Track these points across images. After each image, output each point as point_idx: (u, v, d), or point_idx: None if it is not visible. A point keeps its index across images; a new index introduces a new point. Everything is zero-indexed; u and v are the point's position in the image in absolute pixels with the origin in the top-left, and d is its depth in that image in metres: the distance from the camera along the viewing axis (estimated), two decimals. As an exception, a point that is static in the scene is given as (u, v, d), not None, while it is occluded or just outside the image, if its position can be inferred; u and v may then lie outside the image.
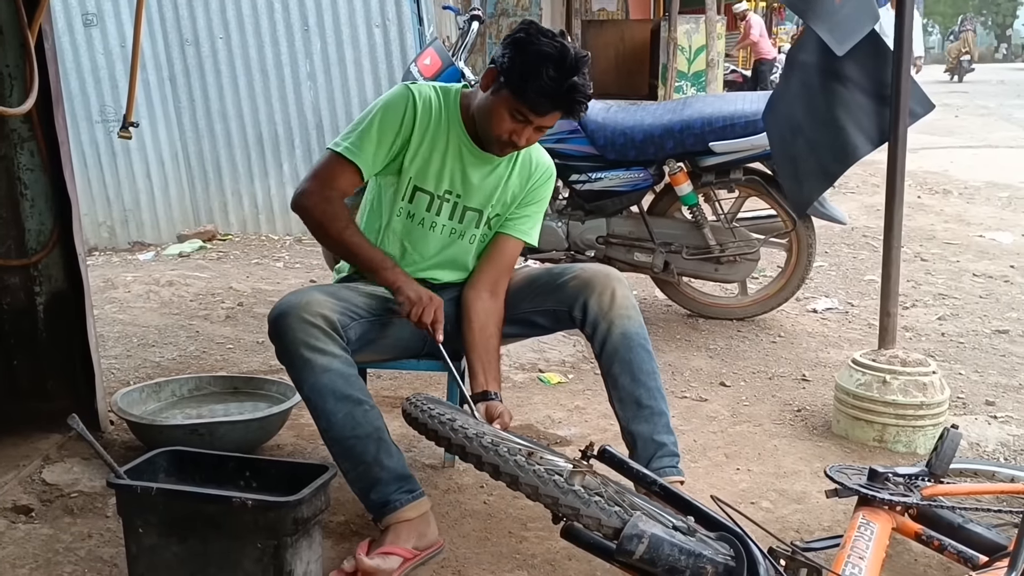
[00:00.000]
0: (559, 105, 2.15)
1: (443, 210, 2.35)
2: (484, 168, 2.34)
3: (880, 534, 1.84)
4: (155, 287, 4.82)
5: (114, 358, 3.73)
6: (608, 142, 3.94)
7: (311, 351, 2.08)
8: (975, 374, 3.54)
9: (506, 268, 2.42)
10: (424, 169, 2.31)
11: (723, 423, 3.07)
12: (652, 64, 11.38)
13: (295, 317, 2.09)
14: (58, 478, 2.55)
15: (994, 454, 2.81)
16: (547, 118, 2.17)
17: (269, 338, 2.16)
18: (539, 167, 2.43)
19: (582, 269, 2.37)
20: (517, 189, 2.40)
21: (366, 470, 2.10)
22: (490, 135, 2.23)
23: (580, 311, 2.30)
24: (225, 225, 6.35)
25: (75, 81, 5.90)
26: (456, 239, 2.39)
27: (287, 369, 2.16)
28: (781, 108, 3.17)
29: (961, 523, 1.97)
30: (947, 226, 6.52)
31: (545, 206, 2.49)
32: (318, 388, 2.10)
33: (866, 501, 1.95)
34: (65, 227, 2.77)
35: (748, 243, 4.01)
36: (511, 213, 2.41)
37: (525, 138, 2.20)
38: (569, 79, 2.10)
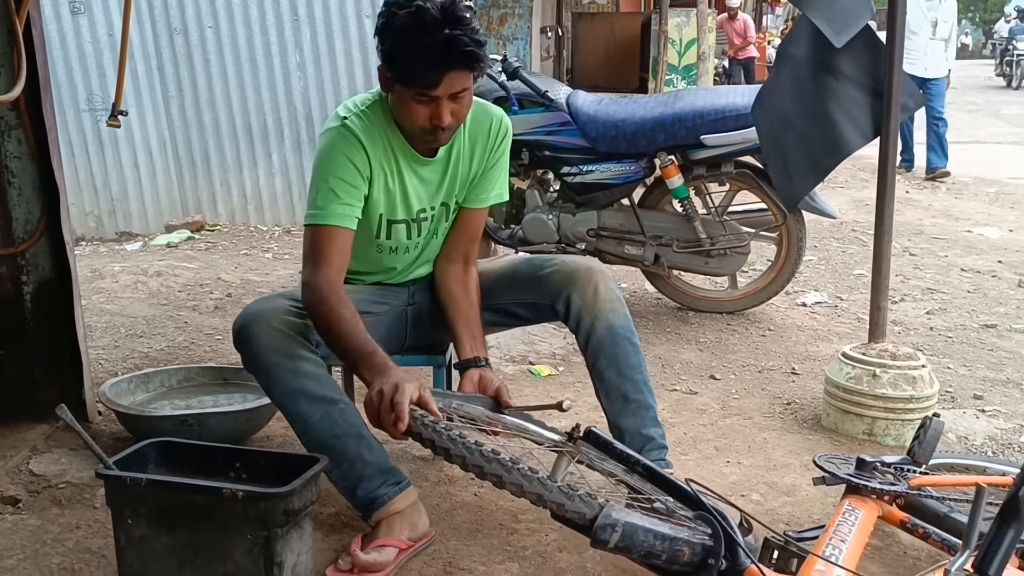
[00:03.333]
0: (447, 66, 1.94)
1: (423, 229, 2.27)
2: (437, 165, 2.22)
3: (864, 521, 1.85)
4: (143, 277, 4.79)
5: (102, 348, 3.71)
6: (599, 135, 3.93)
7: (279, 356, 2.03)
8: (963, 368, 3.56)
9: (475, 236, 2.35)
10: (391, 201, 2.19)
11: (713, 416, 3.08)
12: (642, 57, 11.37)
13: (260, 324, 2.04)
14: (46, 469, 2.53)
15: (982, 448, 2.82)
16: (448, 84, 1.97)
17: (235, 347, 2.11)
18: (491, 127, 2.25)
19: (563, 262, 2.32)
20: (477, 160, 2.26)
21: (349, 468, 2.07)
22: (417, 132, 2.08)
23: (563, 305, 2.26)
24: (213, 215, 6.32)
25: (62, 70, 5.86)
26: (432, 238, 2.33)
27: (256, 377, 2.10)
28: (771, 101, 3.16)
29: (947, 513, 1.98)
30: (935, 221, 6.55)
31: (507, 160, 2.32)
32: (289, 392, 2.05)
33: (853, 489, 1.96)
34: (53, 216, 2.75)
35: (738, 236, 4.02)
36: (475, 187, 2.29)
37: (446, 115, 2.01)
38: (441, 35, 1.91)
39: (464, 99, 2.04)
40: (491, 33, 9.76)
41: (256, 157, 6.18)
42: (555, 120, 3.98)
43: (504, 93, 3.95)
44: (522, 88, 3.96)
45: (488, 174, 2.29)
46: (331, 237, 2.08)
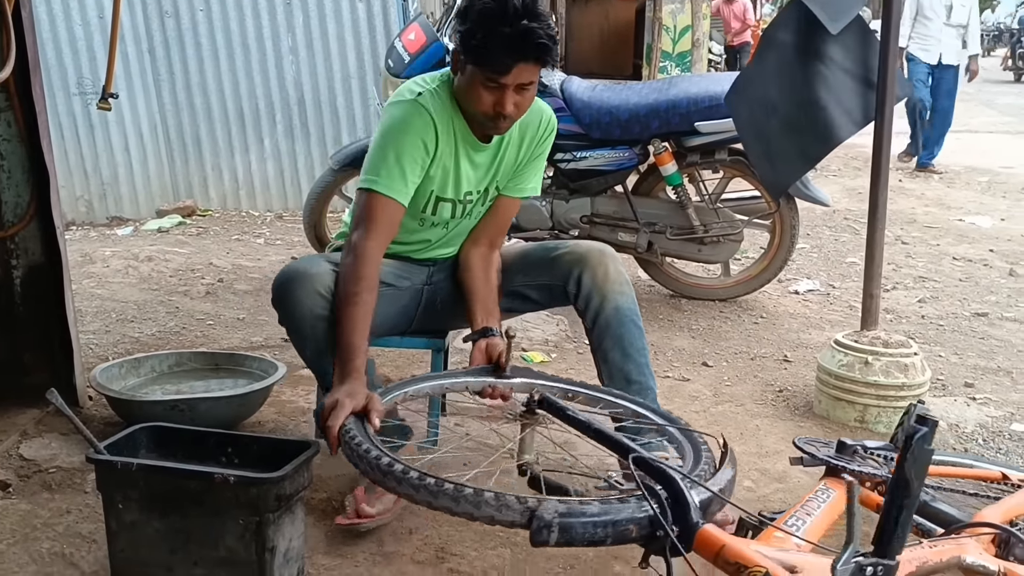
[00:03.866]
0: (521, 55, 2.01)
1: (467, 210, 2.32)
2: (488, 152, 2.27)
3: (837, 501, 1.83)
4: (134, 262, 4.76)
5: (92, 333, 3.69)
6: (593, 121, 3.91)
7: (319, 320, 2.09)
8: (954, 356, 3.57)
9: (505, 224, 2.41)
10: (444, 179, 2.24)
11: (705, 403, 3.08)
12: (636, 44, 11.34)
13: (305, 289, 2.09)
14: (36, 453, 2.52)
15: (973, 435, 2.83)
16: (517, 74, 2.03)
17: (273, 303, 2.16)
18: (541, 123, 2.31)
19: (576, 244, 2.36)
20: (520, 151, 2.31)
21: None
22: (479, 116, 2.13)
23: (575, 285, 2.30)
24: (205, 200, 6.28)
25: (52, 52, 5.80)
26: (464, 219, 2.36)
27: (291, 334, 2.17)
28: (753, 88, 3.13)
29: (928, 500, 1.96)
30: (928, 210, 6.57)
31: (546, 157, 2.39)
32: (321, 350, 2.11)
33: (832, 471, 1.96)
34: (42, 200, 2.72)
35: (732, 224, 4.01)
36: (514, 174, 2.34)
37: (510, 104, 2.07)
38: (519, 25, 1.98)
39: (529, 91, 2.10)
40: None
41: (248, 142, 6.14)
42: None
43: (498, 78, 3.92)
44: (516, 74, 3.93)
45: (529, 165, 2.34)
46: (385, 208, 2.12)
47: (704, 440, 1.82)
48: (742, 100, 3.17)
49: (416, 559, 2.07)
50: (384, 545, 2.12)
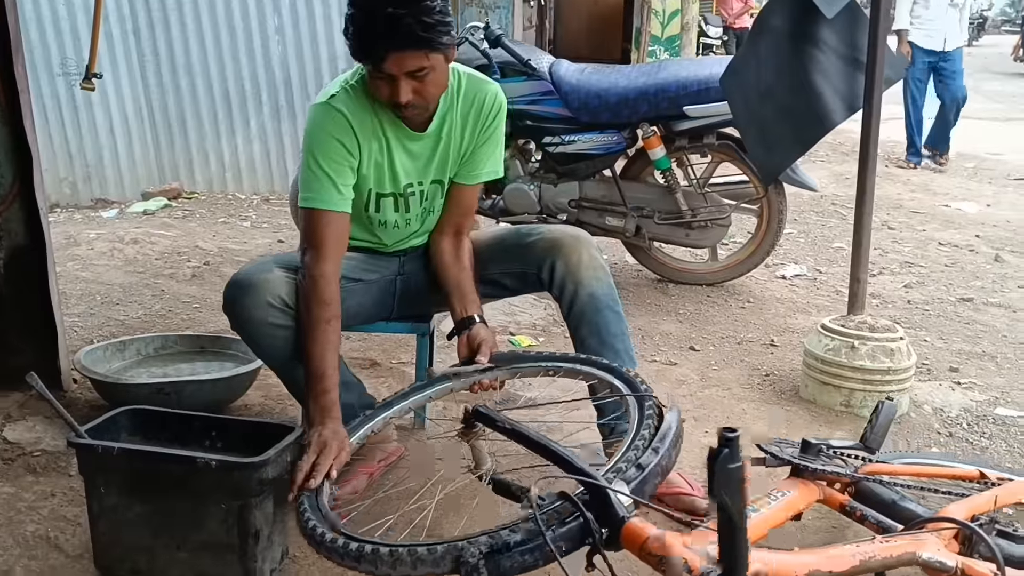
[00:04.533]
0: (389, 44, 1.92)
1: (411, 203, 2.26)
2: (427, 140, 2.20)
3: (793, 500, 1.81)
4: (119, 245, 4.73)
5: (77, 316, 3.67)
6: (582, 104, 3.90)
7: (272, 328, 2.07)
8: (940, 341, 3.59)
9: (467, 210, 2.34)
10: (380, 175, 2.19)
11: (692, 387, 3.08)
12: (625, 28, 11.31)
13: (253, 299, 2.05)
14: (20, 436, 2.51)
15: (957, 419, 2.85)
16: (399, 62, 1.94)
17: (225, 313, 2.12)
18: (484, 103, 2.21)
19: (549, 230, 2.32)
20: (469, 135, 2.23)
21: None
22: (388, 109, 2.08)
23: (548, 272, 2.26)
24: (191, 183, 6.24)
25: (35, 32, 5.74)
26: (430, 216, 2.33)
27: (245, 342, 2.17)
28: (746, 73, 3.12)
29: (895, 500, 1.92)
30: (914, 195, 6.58)
31: (502, 135, 2.29)
32: (277, 356, 2.13)
33: (797, 471, 1.92)
34: (25, 181, 2.70)
35: (719, 208, 4.01)
36: (467, 162, 2.26)
37: (405, 93, 1.98)
38: (385, 12, 1.89)
39: (428, 77, 2.00)
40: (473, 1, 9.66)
41: (234, 124, 6.10)
42: (537, 89, 3.94)
43: (486, 61, 3.90)
44: (504, 56, 3.91)
45: (481, 150, 2.26)
46: (327, 222, 2.08)
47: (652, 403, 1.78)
48: (736, 84, 3.16)
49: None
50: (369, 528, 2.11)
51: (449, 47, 2.01)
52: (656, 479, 1.55)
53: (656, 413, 1.74)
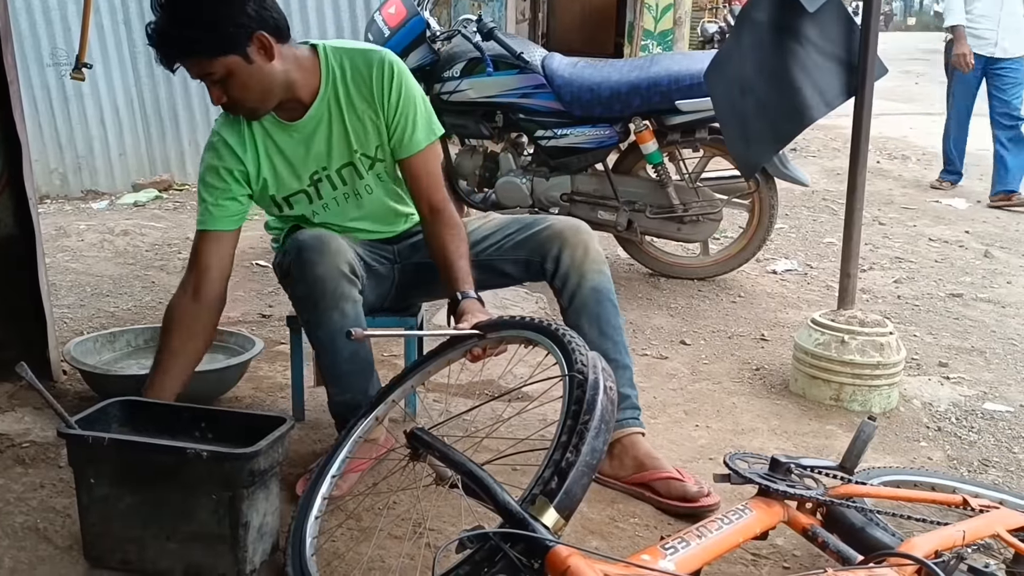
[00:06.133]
0: (167, 55, 2.06)
1: (323, 192, 2.28)
2: (311, 131, 2.21)
3: (750, 522, 1.74)
4: (109, 236, 4.72)
5: (67, 307, 3.66)
6: (574, 98, 3.90)
7: (340, 300, 2.11)
8: (929, 336, 3.60)
9: (429, 182, 2.27)
10: (276, 179, 2.25)
11: (683, 380, 3.09)
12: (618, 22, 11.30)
13: (328, 266, 2.09)
14: (9, 427, 2.50)
15: (946, 414, 2.86)
16: (190, 68, 2.07)
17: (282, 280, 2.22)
18: (369, 75, 2.19)
19: (555, 220, 2.34)
20: (372, 113, 2.21)
21: (351, 398, 2.23)
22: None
23: (553, 264, 2.28)
24: (181, 175, 6.22)
25: (25, 22, 5.71)
26: (354, 199, 2.32)
27: (301, 312, 2.20)
28: (729, 67, 3.12)
29: (862, 525, 1.84)
30: (905, 191, 6.60)
31: (416, 99, 2.23)
32: (332, 331, 2.14)
33: (763, 491, 1.83)
34: (14, 171, 2.68)
35: (711, 203, 4.02)
36: (393, 137, 2.24)
37: (214, 96, 2.10)
38: (152, 27, 2.04)
39: (229, 81, 2.06)
40: (466, -6, 9.64)
41: (226, 116, 6.07)
42: (530, 83, 3.94)
43: (479, 54, 3.90)
44: (497, 49, 3.91)
45: (398, 118, 2.22)
46: (206, 241, 2.22)
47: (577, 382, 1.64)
48: (718, 78, 3.15)
49: (393, 534, 2.07)
50: (362, 520, 2.11)
51: (235, 51, 2.02)
52: (584, 479, 1.50)
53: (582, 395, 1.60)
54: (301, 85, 2.17)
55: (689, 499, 2.18)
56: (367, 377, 2.26)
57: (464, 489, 1.66)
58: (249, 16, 2.02)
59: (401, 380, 2.17)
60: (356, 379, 2.25)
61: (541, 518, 1.45)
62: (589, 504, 2.19)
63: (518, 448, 1.88)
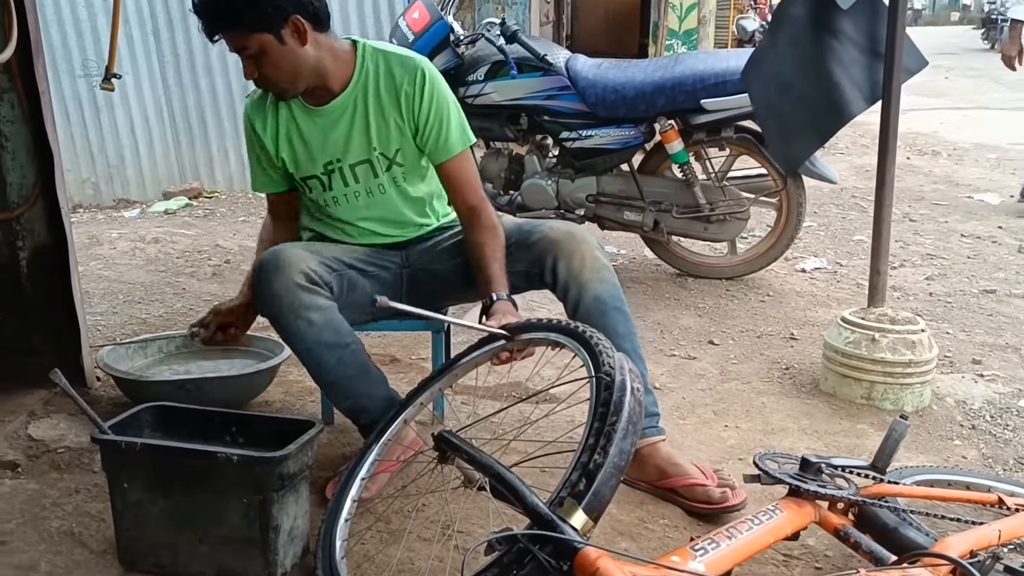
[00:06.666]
0: (208, 27, 2.13)
1: (335, 183, 2.31)
2: (334, 120, 2.26)
3: (781, 523, 1.72)
4: (141, 244, 4.78)
5: (100, 315, 3.71)
6: (599, 99, 3.89)
7: (298, 309, 2.10)
8: (962, 333, 3.56)
9: (464, 186, 2.31)
10: (294, 158, 2.32)
11: (712, 381, 3.08)
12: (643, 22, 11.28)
13: (281, 281, 2.09)
14: (44, 433, 2.53)
15: (980, 412, 2.82)
16: (230, 42, 2.13)
17: (257, 302, 2.21)
18: (405, 81, 2.23)
19: (550, 228, 2.26)
20: (397, 115, 2.25)
21: (355, 402, 2.25)
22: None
23: (551, 275, 2.22)
24: (211, 182, 6.29)
25: (56, 34, 5.80)
26: (366, 196, 2.33)
27: (275, 330, 2.20)
28: (767, 65, 3.10)
29: (895, 526, 1.83)
30: (936, 187, 6.52)
31: (450, 106, 2.28)
32: (307, 342, 2.15)
33: (794, 491, 1.82)
34: (48, 181, 2.73)
35: (738, 202, 3.99)
36: (427, 142, 2.27)
37: (248, 71, 2.16)
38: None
39: (262, 58, 2.13)
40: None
41: (253, 123, 6.13)
42: (554, 84, 3.93)
43: (503, 57, 3.91)
44: (521, 52, 3.91)
45: (429, 123, 2.25)
46: (270, 200, 2.48)
47: (605, 384, 1.62)
48: (756, 76, 3.14)
49: (423, 536, 2.08)
50: (391, 523, 2.13)
51: (270, 30, 2.09)
52: (612, 480, 1.49)
53: (608, 396, 1.60)
54: (333, 74, 2.22)
55: (713, 502, 2.17)
56: (364, 378, 2.23)
57: (492, 491, 1.67)
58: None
59: (429, 383, 2.18)
60: (351, 383, 2.22)
61: (569, 520, 1.45)
62: (618, 505, 2.19)
63: (546, 450, 1.88)
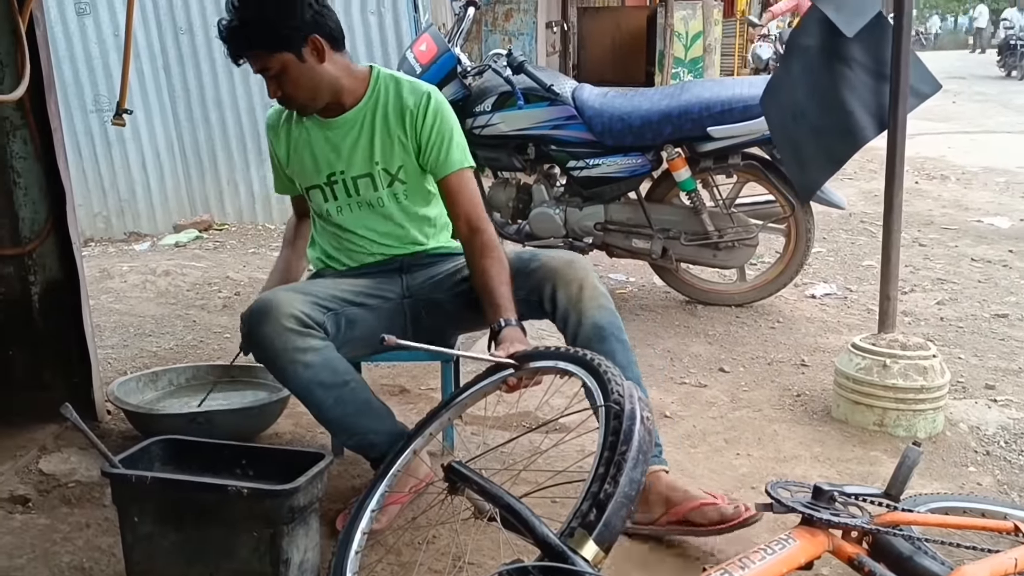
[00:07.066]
0: (232, 48, 2.22)
1: (338, 193, 2.39)
2: (342, 133, 2.35)
3: (794, 552, 1.71)
4: (151, 277, 4.80)
5: (111, 348, 3.72)
6: (605, 128, 3.91)
7: (292, 353, 2.10)
8: (974, 358, 3.53)
9: (467, 200, 2.33)
10: (301, 168, 2.41)
11: (723, 408, 3.06)
12: (648, 51, 11.35)
13: (270, 326, 2.10)
14: (55, 468, 2.54)
15: (994, 438, 2.80)
16: (253, 62, 2.22)
17: (245, 344, 2.23)
18: (411, 103, 2.32)
19: (549, 257, 2.27)
20: (402, 134, 2.32)
21: (361, 439, 2.26)
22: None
23: (550, 304, 2.21)
24: (221, 215, 6.32)
25: (68, 70, 5.87)
26: (367, 208, 2.38)
27: (271, 372, 2.21)
28: (782, 93, 3.13)
29: (910, 554, 1.80)
30: (945, 211, 6.51)
31: (452, 129, 2.35)
32: (303, 384, 2.16)
33: (807, 520, 1.80)
34: (59, 216, 2.75)
35: (746, 228, 4.00)
36: (428, 160, 2.34)
37: (271, 89, 2.25)
38: (224, 21, 2.21)
39: (284, 77, 2.22)
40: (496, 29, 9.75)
41: (263, 155, 6.16)
42: (561, 114, 3.96)
43: (509, 88, 3.93)
44: (527, 82, 3.94)
45: (433, 144, 2.33)
46: (292, 198, 2.63)
47: (614, 412, 1.62)
48: (773, 104, 3.16)
49: (433, 568, 2.07)
50: (401, 555, 2.12)
51: (291, 49, 2.19)
52: (623, 510, 1.49)
53: (618, 425, 1.59)
54: (347, 91, 2.33)
55: (728, 519, 2.13)
56: (367, 414, 2.23)
57: (503, 522, 1.66)
58: (306, 20, 2.19)
59: (437, 413, 2.18)
60: (354, 421, 2.22)
61: (580, 551, 1.44)
62: (629, 535, 2.17)
63: (556, 480, 1.88)
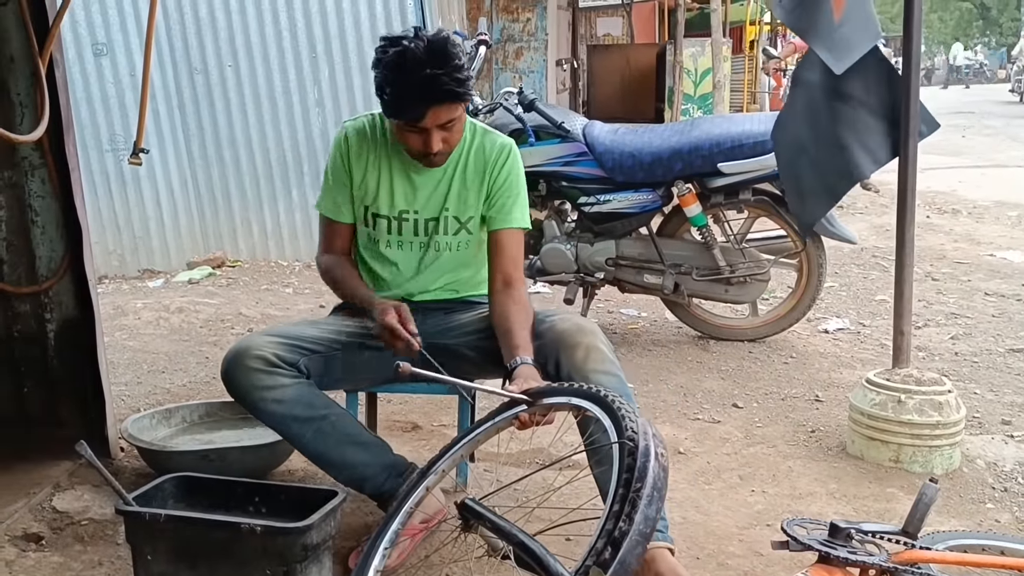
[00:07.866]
0: (428, 102, 2.12)
1: (404, 229, 2.39)
2: (431, 178, 2.36)
3: None
4: (165, 314, 4.82)
5: (124, 384, 3.73)
6: (616, 164, 3.94)
7: (259, 391, 2.16)
8: (990, 393, 3.51)
9: (511, 259, 2.36)
10: (375, 195, 2.39)
11: (736, 444, 3.04)
12: (658, 88, 11.41)
13: (237, 367, 2.16)
14: (68, 505, 2.53)
15: (1011, 474, 2.77)
16: (434, 117, 2.15)
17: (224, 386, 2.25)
18: (492, 154, 2.37)
19: (559, 319, 2.26)
20: (478, 184, 2.36)
21: (351, 472, 2.26)
22: (412, 156, 2.29)
23: (554, 368, 2.18)
24: (235, 252, 6.36)
25: (85, 110, 5.95)
26: (426, 252, 2.40)
27: (249, 413, 2.27)
28: (788, 127, 3.16)
29: None
30: (957, 245, 6.50)
31: (522, 184, 2.41)
32: (279, 420, 2.20)
33: (824, 558, 1.78)
34: (76, 254, 2.77)
35: (758, 264, 4.00)
36: (491, 208, 2.37)
37: (436, 143, 2.19)
38: (422, 74, 2.07)
39: (455, 127, 2.22)
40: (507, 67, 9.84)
41: (276, 193, 6.23)
42: (572, 151, 3.99)
43: (521, 125, 3.97)
44: (538, 120, 3.97)
45: (500, 196, 2.37)
46: (326, 223, 2.46)
47: (628, 448, 1.61)
48: (780, 138, 3.19)
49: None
50: (413, 593, 2.10)
51: (471, 98, 2.27)
52: (638, 548, 1.48)
53: (632, 462, 1.59)
54: None
55: None
56: (354, 448, 2.24)
57: (517, 560, 1.65)
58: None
59: (450, 449, 2.17)
60: (340, 455, 2.24)
61: None
62: (645, 574, 2.15)
63: (570, 517, 1.86)
